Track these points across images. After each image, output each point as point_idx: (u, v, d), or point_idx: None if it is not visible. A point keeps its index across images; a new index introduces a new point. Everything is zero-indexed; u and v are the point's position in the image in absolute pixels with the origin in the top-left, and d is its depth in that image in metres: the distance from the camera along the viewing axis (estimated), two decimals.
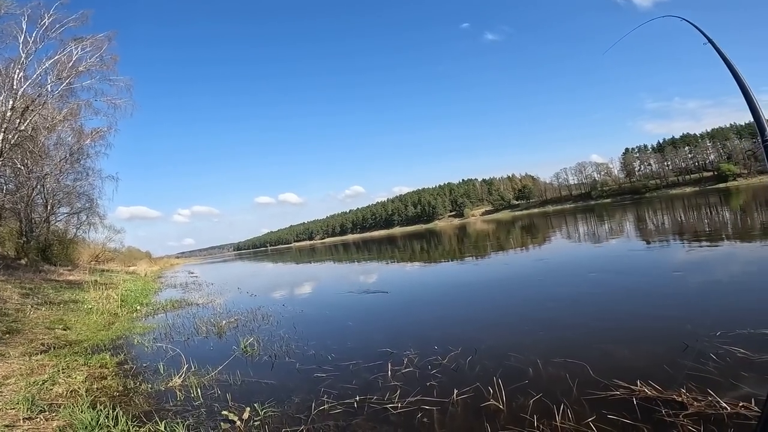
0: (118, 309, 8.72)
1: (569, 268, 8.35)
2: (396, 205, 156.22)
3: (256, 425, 2.77)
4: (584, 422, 2.23)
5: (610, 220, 23.10)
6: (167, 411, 3.16)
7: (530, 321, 4.76)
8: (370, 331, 5.35)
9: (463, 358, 3.59)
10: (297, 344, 4.92)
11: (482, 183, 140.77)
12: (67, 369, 4.23)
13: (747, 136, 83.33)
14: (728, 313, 3.66)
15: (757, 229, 10.10)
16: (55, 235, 20.97)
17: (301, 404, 3.07)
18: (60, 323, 6.82)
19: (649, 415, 2.23)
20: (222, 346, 5.25)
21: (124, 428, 2.75)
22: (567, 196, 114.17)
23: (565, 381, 2.81)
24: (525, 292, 6.55)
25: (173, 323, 7.16)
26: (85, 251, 25.57)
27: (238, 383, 3.70)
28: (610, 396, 2.50)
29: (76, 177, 20.97)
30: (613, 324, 4.13)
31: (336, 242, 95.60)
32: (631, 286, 5.86)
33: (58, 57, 15.01)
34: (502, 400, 2.61)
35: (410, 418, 2.63)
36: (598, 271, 7.51)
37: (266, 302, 8.81)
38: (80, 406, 3.09)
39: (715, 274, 5.85)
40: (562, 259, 10.38)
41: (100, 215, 24.29)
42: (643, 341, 3.45)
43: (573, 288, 6.26)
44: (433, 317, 5.71)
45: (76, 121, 17.64)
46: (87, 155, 20.15)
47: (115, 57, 16.94)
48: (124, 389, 3.74)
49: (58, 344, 5.46)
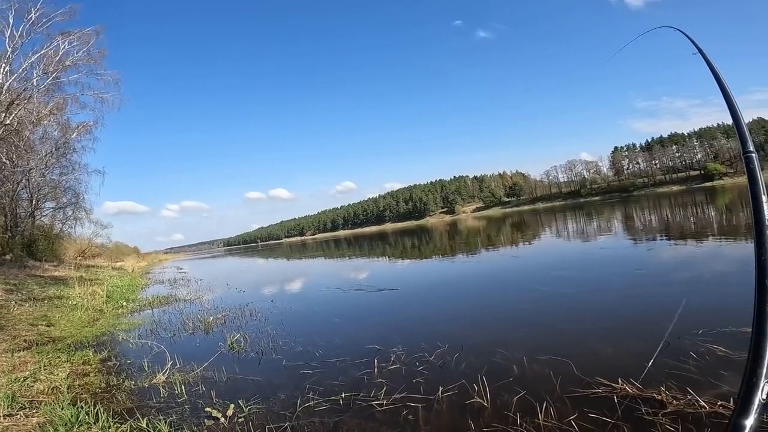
0: (103, 305, 8.60)
1: (556, 266, 8.42)
2: (387, 201, 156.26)
3: (240, 422, 2.75)
4: (566, 420, 2.25)
5: (599, 218, 23.36)
6: (150, 408, 3.12)
7: (517, 318, 4.79)
8: (358, 328, 5.34)
9: (449, 355, 3.60)
10: (284, 341, 4.90)
11: (473, 180, 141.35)
12: (49, 366, 4.17)
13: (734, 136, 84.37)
14: (710, 311, 3.72)
15: (741, 227, 10.28)
16: (40, 230, 20.64)
17: (286, 401, 3.06)
18: (44, 319, 6.71)
19: (629, 413, 2.25)
20: (208, 343, 5.20)
21: (104, 425, 2.71)
22: (557, 193, 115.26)
23: (548, 378, 2.83)
24: (513, 289, 6.59)
25: (159, 319, 7.08)
26: (71, 247, 25.20)
27: (223, 380, 3.67)
28: (591, 394, 2.53)
29: (61, 171, 20.69)
30: (597, 321, 4.18)
31: (327, 238, 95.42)
32: (616, 283, 5.93)
33: (44, 51, 14.88)
34: (486, 398, 2.62)
35: (396, 415, 2.63)
36: (583, 268, 7.59)
37: (255, 298, 8.76)
38: (61, 403, 3.05)
39: (698, 272, 5.96)
40: (550, 256, 10.47)
41: (87, 210, 23.94)
42: (625, 338, 3.49)
43: (559, 285, 6.31)
44: (421, 314, 5.72)
45: (62, 115, 17.56)
46: (73, 149, 19.95)
47: (103, 51, 16.80)
48: (106, 386, 3.69)
49: (41, 341, 5.37)
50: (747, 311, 2.76)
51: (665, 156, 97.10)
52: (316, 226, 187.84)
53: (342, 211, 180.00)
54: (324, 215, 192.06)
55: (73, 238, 26.40)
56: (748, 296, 1.00)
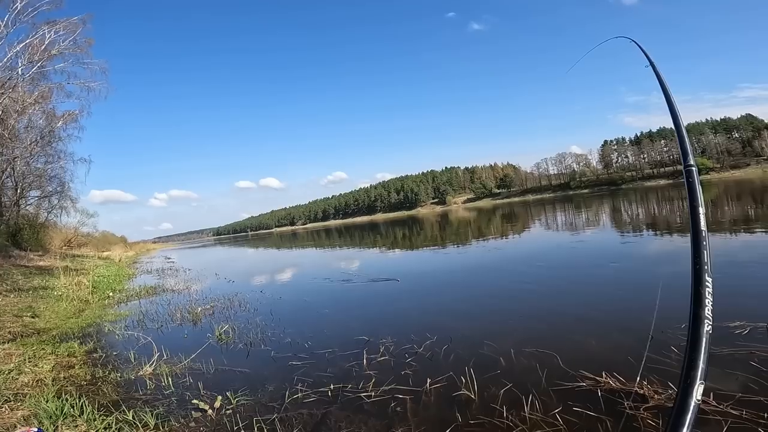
0: (89, 296, 8.48)
1: (544, 258, 8.50)
2: (379, 192, 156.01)
3: (228, 414, 2.74)
4: (551, 413, 2.28)
5: (587, 210, 23.61)
6: (136, 400, 3.10)
7: (505, 309, 4.83)
8: (348, 319, 5.33)
9: (438, 347, 3.62)
10: (273, 332, 4.89)
11: (465, 171, 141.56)
12: (34, 358, 4.12)
13: (721, 131, 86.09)
14: None
15: (726, 221, 10.47)
16: (25, 219, 20.32)
17: (274, 392, 3.06)
18: (28, 311, 6.61)
19: (612, 407, 2.29)
20: (196, 334, 5.17)
21: (89, 417, 2.69)
22: (547, 185, 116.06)
23: (535, 371, 2.87)
24: (501, 280, 6.65)
25: (147, 310, 7.02)
26: (57, 236, 24.84)
27: (211, 371, 3.65)
28: (576, 387, 2.56)
29: (47, 160, 20.51)
30: (584, 314, 4.22)
31: (318, 228, 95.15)
32: (604, 276, 6.02)
33: (30, 41, 14.81)
34: (474, 390, 2.64)
35: (384, 407, 2.65)
36: (570, 260, 7.68)
37: (244, 288, 8.72)
38: (45, 396, 3.01)
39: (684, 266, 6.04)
40: (539, 248, 10.57)
41: (72, 199, 23.67)
42: (611, 332, 3.54)
43: (546, 277, 6.37)
44: (411, 304, 5.75)
45: (48, 103, 17.37)
46: (59, 138, 19.73)
47: (90, 40, 16.75)
48: (92, 378, 3.65)
49: (25, 332, 5.29)
50: (734, 305, 2.80)
51: (653, 150, 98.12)
52: (306, 215, 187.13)
53: (333, 201, 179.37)
54: (315, 205, 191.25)
55: (59, 227, 26.08)
56: (732, 289, 1.01)
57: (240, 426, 2.56)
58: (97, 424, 2.61)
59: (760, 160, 78.79)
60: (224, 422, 2.64)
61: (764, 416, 1.99)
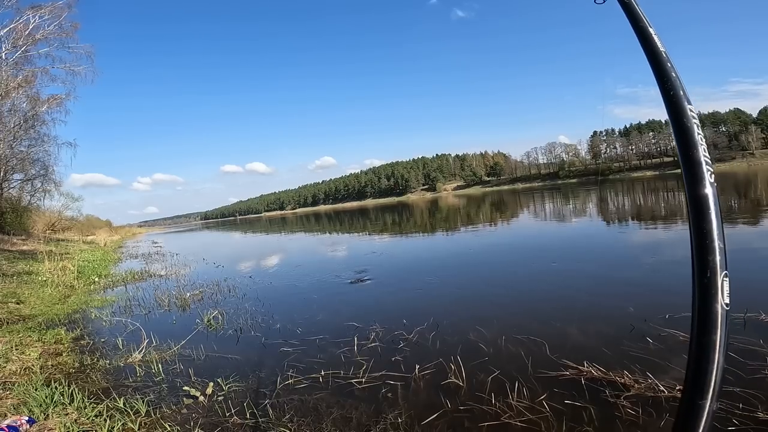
0: (74, 281, 8.37)
1: (532, 246, 8.62)
2: (369, 177, 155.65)
3: (220, 400, 2.76)
4: (537, 401, 2.35)
5: (574, 200, 23.90)
6: (126, 387, 3.10)
7: (494, 296, 4.90)
8: (339, 305, 5.33)
9: (427, 333, 3.68)
10: (263, 318, 4.91)
11: (455, 158, 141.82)
12: (20, 345, 4.07)
13: (708, 124, 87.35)
14: (677, 296, 3.86)
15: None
16: (8, 202, 19.92)
17: (266, 379, 3.09)
18: (13, 297, 6.50)
19: (594, 396, 2.36)
20: (185, 320, 5.16)
21: (80, 405, 2.69)
22: (536, 174, 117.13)
23: (521, 359, 2.94)
24: (490, 268, 6.71)
25: (134, 296, 6.97)
26: (40, 219, 24.41)
27: (201, 358, 3.66)
28: (560, 376, 2.63)
29: (30, 143, 20.09)
30: (569, 303, 4.29)
31: (307, 213, 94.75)
32: (590, 266, 6.12)
33: (14, 25, 14.66)
34: (462, 377, 2.70)
35: (374, 393, 2.69)
36: (557, 249, 7.79)
37: (233, 274, 8.70)
38: (34, 384, 3.00)
39: (667, 256, 6.19)
40: (527, 236, 10.69)
41: (56, 182, 23.16)
42: (594, 322, 3.61)
43: (534, 266, 6.46)
44: (400, 291, 5.78)
45: (32, 87, 17.10)
46: (43, 122, 19.41)
47: (76, 24, 16.58)
48: (80, 365, 3.63)
49: (11, 319, 5.21)
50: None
51: (642, 142, 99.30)
52: (296, 200, 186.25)
53: (323, 186, 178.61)
54: (305, 189, 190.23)
55: (42, 211, 25.53)
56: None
57: (232, 412, 2.58)
58: (87, 412, 2.61)
59: (745, 154, 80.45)
60: (216, 408, 2.66)
61: (739, 407, 2.05)
